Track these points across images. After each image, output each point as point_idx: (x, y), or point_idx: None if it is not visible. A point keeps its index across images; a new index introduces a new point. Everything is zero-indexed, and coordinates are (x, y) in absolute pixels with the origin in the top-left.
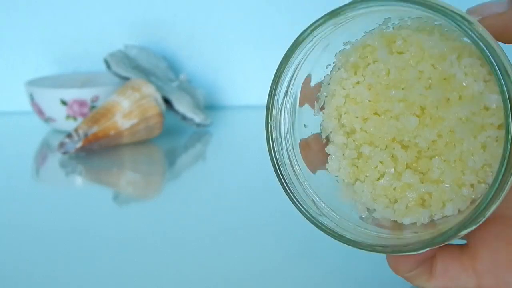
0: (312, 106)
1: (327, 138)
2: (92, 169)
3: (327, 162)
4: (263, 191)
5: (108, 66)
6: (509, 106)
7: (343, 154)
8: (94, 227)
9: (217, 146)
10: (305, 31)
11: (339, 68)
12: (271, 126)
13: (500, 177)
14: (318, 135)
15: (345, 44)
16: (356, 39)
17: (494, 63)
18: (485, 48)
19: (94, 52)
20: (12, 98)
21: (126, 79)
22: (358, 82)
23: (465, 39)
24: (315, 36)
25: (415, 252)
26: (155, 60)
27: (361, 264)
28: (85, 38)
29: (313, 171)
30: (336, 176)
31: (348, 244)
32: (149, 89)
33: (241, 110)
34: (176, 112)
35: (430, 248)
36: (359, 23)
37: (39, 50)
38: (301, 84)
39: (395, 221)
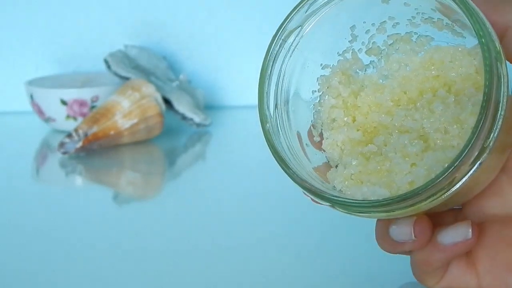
0: (312, 141)
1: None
2: (92, 169)
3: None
4: (263, 191)
5: (108, 66)
6: (483, 44)
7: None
8: (94, 227)
9: (217, 146)
10: (274, 36)
11: (326, 96)
12: (269, 130)
13: (488, 80)
14: (327, 164)
15: (323, 67)
16: (333, 64)
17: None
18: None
19: (94, 52)
20: (12, 98)
21: (126, 79)
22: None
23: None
24: (285, 41)
25: (416, 207)
26: (155, 60)
27: (360, 265)
28: (85, 38)
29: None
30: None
31: (372, 208)
32: (149, 89)
33: (241, 110)
34: (176, 112)
35: (430, 199)
36: (326, 33)
37: (39, 50)
38: (290, 100)
39: None
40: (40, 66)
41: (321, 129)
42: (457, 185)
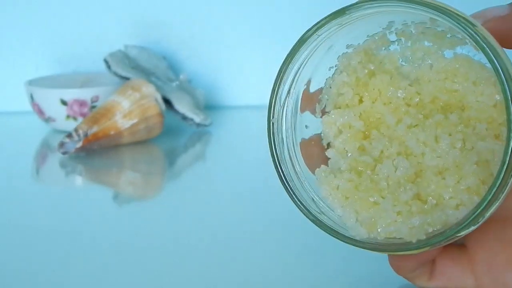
0: (313, 111)
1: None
2: (92, 169)
3: (327, 165)
4: (263, 191)
5: (108, 66)
6: (510, 106)
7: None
8: (94, 227)
9: (217, 146)
10: (309, 30)
11: (341, 72)
12: (273, 124)
13: (500, 177)
14: (319, 136)
15: (348, 47)
16: (359, 43)
17: (496, 63)
18: (487, 49)
19: (94, 52)
20: (12, 98)
21: (126, 79)
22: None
23: (468, 44)
24: (319, 36)
25: (414, 251)
26: (155, 60)
27: (360, 265)
28: (85, 38)
29: (313, 171)
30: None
31: (347, 242)
32: (149, 89)
33: (241, 110)
34: (176, 112)
35: (429, 248)
36: (363, 25)
37: (39, 50)
38: (303, 85)
39: None
40: (40, 66)
41: (325, 104)
42: (437, 246)
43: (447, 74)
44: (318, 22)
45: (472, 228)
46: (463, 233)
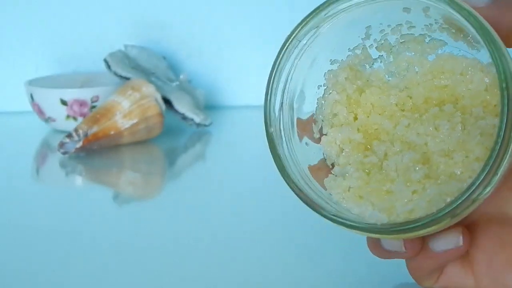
0: (311, 136)
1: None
2: (92, 169)
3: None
4: (263, 191)
5: (108, 66)
6: (504, 80)
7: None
8: (94, 227)
9: (217, 146)
10: (288, 36)
11: (330, 90)
12: (272, 134)
13: (504, 121)
14: (323, 159)
15: (332, 62)
16: (342, 59)
17: (481, 32)
18: (470, 16)
19: (94, 52)
20: (12, 98)
21: (126, 79)
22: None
23: (448, 44)
24: (299, 41)
25: (440, 225)
26: (155, 60)
27: (360, 265)
28: (85, 38)
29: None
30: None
31: (370, 232)
32: (149, 89)
33: (241, 110)
34: (176, 112)
35: (449, 219)
36: (341, 32)
37: (39, 50)
38: (295, 100)
39: None
40: (40, 66)
41: (322, 125)
42: (459, 217)
43: (434, 74)
44: (295, 27)
45: (488, 189)
46: (479, 194)
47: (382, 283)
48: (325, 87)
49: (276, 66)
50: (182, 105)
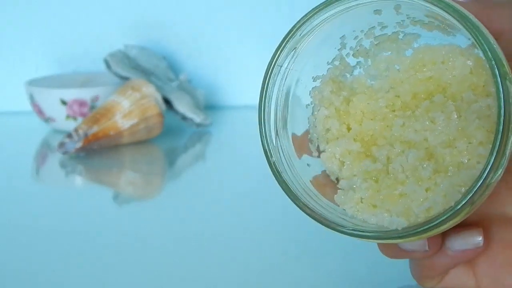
0: (309, 152)
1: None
2: (92, 169)
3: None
4: (263, 191)
5: (108, 66)
6: (496, 71)
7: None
8: (94, 227)
9: (217, 146)
10: (269, 63)
11: (319, 108)
12: (274, 163)
13: (502, 103)
14: (325, 173)
15: (314, 79)
16: (323, 74)
17: (456, 14)
18: (460, 14)
19: (94, 52)
20: (12, 98)
21: (126, 79)
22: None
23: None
24: (280, 66)
25: (461, 217)
26: (155, 60)
27: (360, 265)
28: (85, 38)
29: (334, 201)
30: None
31: (393, 238)
32: (149, 89)
33: (241, 110)
34: (176, 112)
35: (469, 208)
36: (318, 47)
37: (39, 50)
38: (288, 125)
39: None
40: (40, 66)
41: (318, 143)
42: (477, 205)
43: (416, 68)
44: (274, 52)
45: (500, 171)
46: (493, 177)
47: (383, 283)
48: (313, 105)
49: (264, 95)
50: (182, 105)
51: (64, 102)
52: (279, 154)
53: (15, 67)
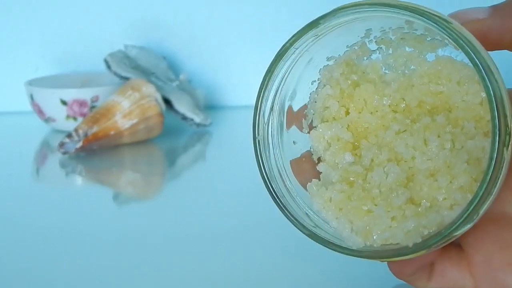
0: (300, 126)
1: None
2: (92, 169)
3: (319, 179)
4: (263, 191)
5: (108, 66)
6: (493, 100)
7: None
8: (94, 227)
9: (217, 146)
10: (286, 43)
11: (324, 85)
12: (259, 142)
13: (490, 171)
14: (309, 152)
15: (328, 59)
16: (339, 55)
17: (476, 59)
18: (465, 45)
19: (94, 52)
20: (12, 98)
21: (126, 79)
22: (346, 108)
23: (449, 45)
24: (296, 49)
25: (412, 255)
26: (155, 60)
27: (358, 265)
28: (85, 38)
29: (306, 187)
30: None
31: (344, 253)
32: (149, 89)
33: (241, 110)
34: (176, 112)
35: (425, 251)
36: (340, 35)
37: (39, 50)
38: (286, 100)
39: None
40: (40, 66)
41: (312, 120)
42: (432, 249)
43: (431, 77)
44: (293, 35)
45: (468, 226)
46: (459, 232)
47: (381, 281)
48: (319, 82)
49: (270, 71)
50: (182, 105)
51: (64, 102)
52: (267, 133)
53: (15, 67)
